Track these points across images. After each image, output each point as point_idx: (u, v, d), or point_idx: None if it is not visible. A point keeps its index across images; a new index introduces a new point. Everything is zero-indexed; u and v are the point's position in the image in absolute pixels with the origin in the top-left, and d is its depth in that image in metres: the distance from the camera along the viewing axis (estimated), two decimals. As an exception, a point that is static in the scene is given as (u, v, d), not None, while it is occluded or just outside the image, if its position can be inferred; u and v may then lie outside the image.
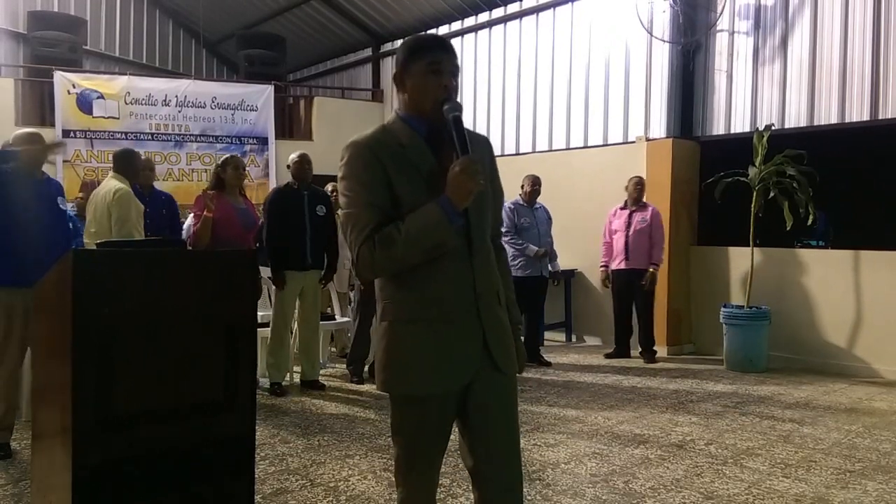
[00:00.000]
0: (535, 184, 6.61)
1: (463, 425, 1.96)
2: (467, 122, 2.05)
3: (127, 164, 4.90)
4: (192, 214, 5.51)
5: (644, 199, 6.95)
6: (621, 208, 7.00)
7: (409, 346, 1.87)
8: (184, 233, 6.35)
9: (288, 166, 5.63)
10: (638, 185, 6.90)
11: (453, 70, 1.91)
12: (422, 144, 1.89)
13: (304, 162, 5.53)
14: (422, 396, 1.89)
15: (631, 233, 6.82)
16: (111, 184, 4.78)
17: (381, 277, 1.91)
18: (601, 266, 7.13)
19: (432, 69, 1.87)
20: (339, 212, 2.09)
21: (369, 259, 1.81)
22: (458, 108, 1.86)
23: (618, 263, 6.93)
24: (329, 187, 6.72)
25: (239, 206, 5.14)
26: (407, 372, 1.88)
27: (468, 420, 1.93)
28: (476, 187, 1.78)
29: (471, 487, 2.03)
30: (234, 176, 5.12)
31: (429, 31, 10.23)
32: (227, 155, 5.39)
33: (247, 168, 9.74)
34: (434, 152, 1.89)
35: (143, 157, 5.45)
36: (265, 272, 5.34)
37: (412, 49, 1.91)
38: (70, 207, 7.00)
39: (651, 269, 6.76)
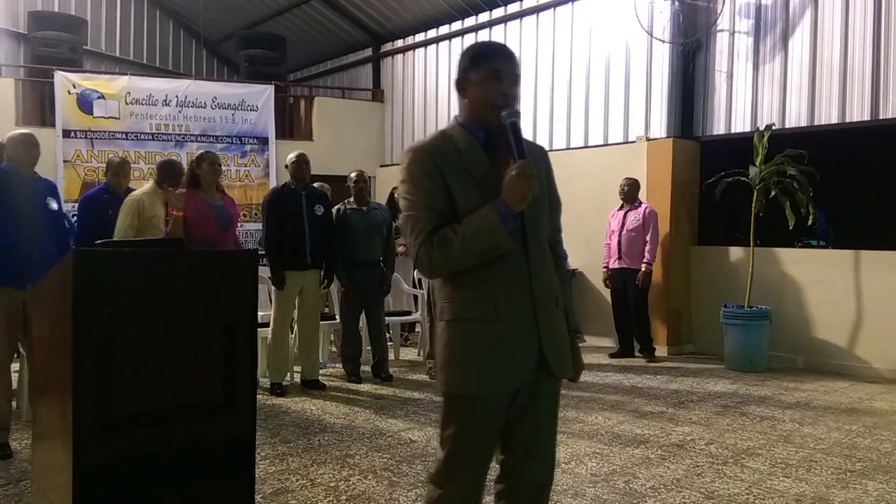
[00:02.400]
0: None
1: (506, 421, 1.98)
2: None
3: (164, 175, 5.02)
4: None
5: (639, 198, 6.97)
6: (618, 209, 7.07)
7: (467, 345, 1.90)
8: None
9: (286, 166, 5.63)
10: (624, 186, 6.98)
11: (514, 78, 1.95)
12: (479, 150, 1.94)
13: (301, 162, 5.53)
14: (480, 395, 1.90)
15: (624, 232, 6.90)
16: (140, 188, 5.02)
17: (440, 278, 1.95)
18: (603, 266, 7.17)
19: (494, 76, 1.91)
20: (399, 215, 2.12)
21: (427, 260, 1.87)
22: (517, 113, 1.90)
23: (613, 263, 7.02)
24: (316, 185, 6.71)
25: (215, 203, 4.95)
26: (466, 371, 1.90)
27: (512, 418, 1.96)
28: (532, 191, 1.82)
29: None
30: (210, 172, 4.94)
31: (429, 32, 10.25)
32: (202, 151, 5.29)
33: (247, 168, 9.83)
34: (491, 158, 1.93)
35: (118, 160, 5.41)
36: (265, 272, 5.33)
37: (474, 56, 1.96)
38: (71, 208, 6.99)
39: (643, 268, 6.78)
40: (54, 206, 4.04)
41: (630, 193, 6.97)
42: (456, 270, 1.89)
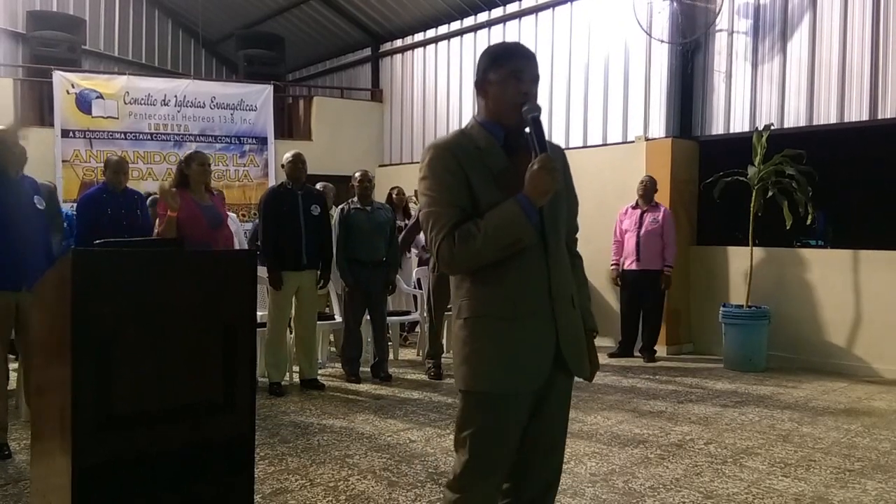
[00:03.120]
0: None
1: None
2: (468, 121, 2.07)
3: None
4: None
5: (655, 199, 6.94)
6: (632, 208, 6.99)
7: (488, 343, 1.89)
8: None
9: (283, 166, 5.62)
10: (644, 185, 6.91)
11: (534, 77, 1.95)
12: (499, 149, 1.94)
13: (298, 162, 5.52)
14: (503, 394, 1.88)
15: (642, 233, 6.82)
16: None
17: (459, 274, 1.94)
18: (612, 265, 7.11)
19: (514, 76, 1.91)
20: (419, 211, 2.11)
21: (448, 255, 1.86)
22: (537, 108, 1.90)
23: (629, 264, 6.92)
24: (320, 185, 6.73)
25: (204, 203, 4.91)
26: (488, 368, 1.88)
27: (529, 417, 1.95)
28: (554, 185, 1.82)
29: None
30: (200, 172, 4.89)
31: (427, 31, 10.24)
32: (192, 151, 5.25)
33: (246, 168, 9.82)
34: (510, 157, 1.93)
35: (116, 159, 5.37)
36: (261, 272, 5.31)
37: (494, 57, 1.96)
38: (70, 208, 6.98)
39: (666, 272, 6.76)
40: (41, 204, 4.01)
41: (649, 192, 6.89)
42: (477, 266, 1.88)
